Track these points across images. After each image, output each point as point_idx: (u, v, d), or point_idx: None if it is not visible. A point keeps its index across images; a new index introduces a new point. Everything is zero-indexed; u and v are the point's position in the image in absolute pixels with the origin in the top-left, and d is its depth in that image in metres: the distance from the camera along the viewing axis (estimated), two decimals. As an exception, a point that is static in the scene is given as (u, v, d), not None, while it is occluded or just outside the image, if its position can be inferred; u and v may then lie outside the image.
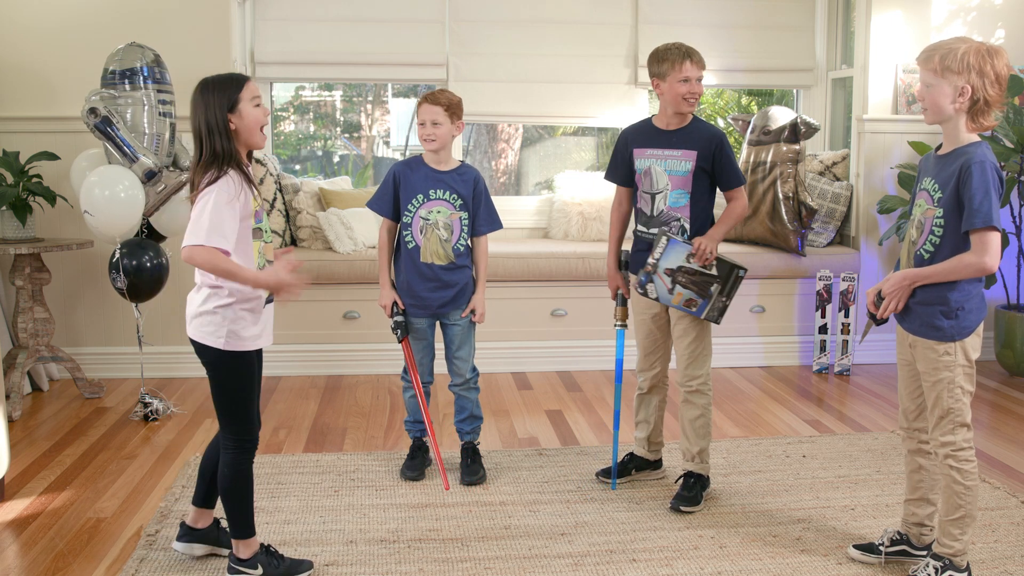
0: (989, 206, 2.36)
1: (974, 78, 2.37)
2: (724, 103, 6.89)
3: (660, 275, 3.11)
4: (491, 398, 4.42)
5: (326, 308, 4.82)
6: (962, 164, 2.40)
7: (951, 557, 2.55)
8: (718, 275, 3.06)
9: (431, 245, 3.27)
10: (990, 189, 2.36)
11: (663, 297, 3.12)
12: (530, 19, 5.29)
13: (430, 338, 3.39)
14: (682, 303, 3.10)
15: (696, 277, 3.07)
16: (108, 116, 3.81)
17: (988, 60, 2.37)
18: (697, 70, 3.04)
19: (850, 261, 5.08)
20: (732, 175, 3.10)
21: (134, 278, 3.90)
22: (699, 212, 3.11)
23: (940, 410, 2.51)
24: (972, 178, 2.37)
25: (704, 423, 3.18)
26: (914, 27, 5.01)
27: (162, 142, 4.01)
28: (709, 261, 3.03)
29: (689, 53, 3.03)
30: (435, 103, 3.21)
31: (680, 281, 3.09)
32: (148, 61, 3.97)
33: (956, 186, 2.41)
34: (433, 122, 3.22)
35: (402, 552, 2.80)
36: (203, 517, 2.76)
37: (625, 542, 2.88)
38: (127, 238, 3.95)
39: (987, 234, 2.38)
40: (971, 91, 2.38)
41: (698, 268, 3.06)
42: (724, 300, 3.07)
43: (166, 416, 4.10)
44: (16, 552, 2.82)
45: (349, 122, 6.70)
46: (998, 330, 4.95)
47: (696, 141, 3.08)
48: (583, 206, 5.29)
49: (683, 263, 3.07)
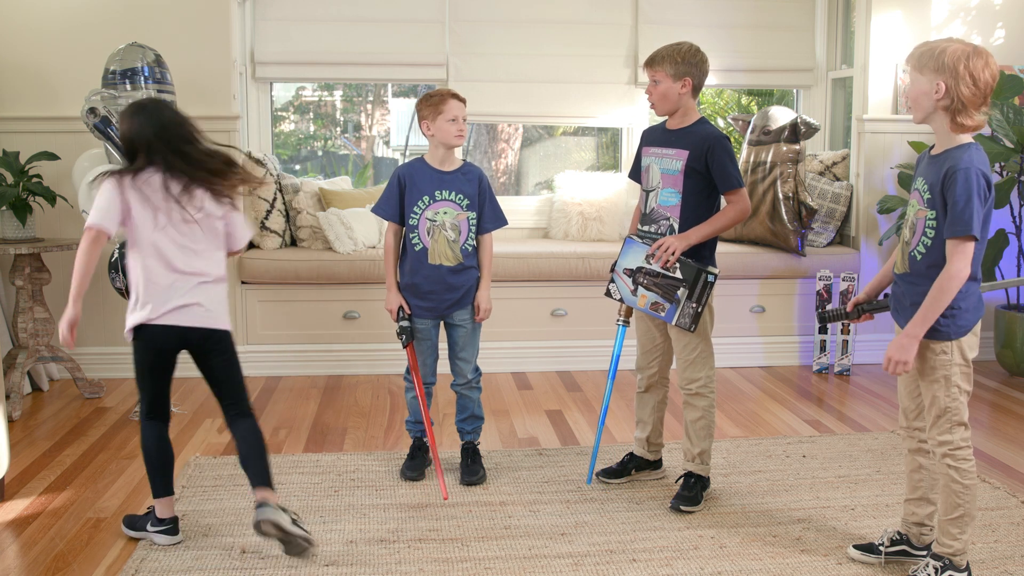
0: (971, 214, 2.36)
1: (947, 77, 2.38)
2: (724, 103, 6.89)
3: (620, 275, 3.10)
4: (491, 398, 4.42)
5: (326, 308, 4.83)
6: (948, 169, 2.40)
7: (951, 557, 2.55)
8: (683, 278, 2.99)
9: (439, 247, 3.26)
10: (972, 196, 2.36)
11: (627, 298, 3.11)
12: (530, 19, 5.29)
13: (434, 339, 3.39)
14: (648, 306, 3.06)
15: (659, 279, 3.03)
16: (107, 116, 3.81)
17: (963, 60, 2.37)
18: (649, 73, 3.08)
19: (850, 261, 5.08)
20: (726, 177, 3.05)
21: None
22: (690, 213, 3.07)
23: (937, 409, 2.52)
24: (956, 185, 2.37)
25: (705, 425, 3.17)
26: (914, 27, 5.01)
27: None
28: (668, 263, 3.00)
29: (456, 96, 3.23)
30: (462, 99, 3.26)
31: (641, 282, 3.06)
32: (149, 61, 3.98)
33: (942, 190, 2.42)
34: (464, 118, 3.25)
35: (402, 552, 2.80)
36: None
37: (625, 542, 2.88)
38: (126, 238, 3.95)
39: (965, 243, 2.38)
40: (945, 89, 2.38)
41: (659, 269, 3.03)
42: (694, 306, 2.99)
43: (166, 416, 4.10)
44: (16, 552, 2.82)
45: (350, 122, 6.70)
46: (998, 330, 4.95)
47: (690, 141, 3.07)
48: (583, 206, 5.29)
49: (642, 263, 3.05)
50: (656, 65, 3.05)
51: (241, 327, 4.77)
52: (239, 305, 4.76)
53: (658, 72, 3.05)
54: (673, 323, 3.06)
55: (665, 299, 3.03)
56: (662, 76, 3.04)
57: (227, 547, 2.83)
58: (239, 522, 2.99)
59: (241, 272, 4.73)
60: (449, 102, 3.23)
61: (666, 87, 3.05)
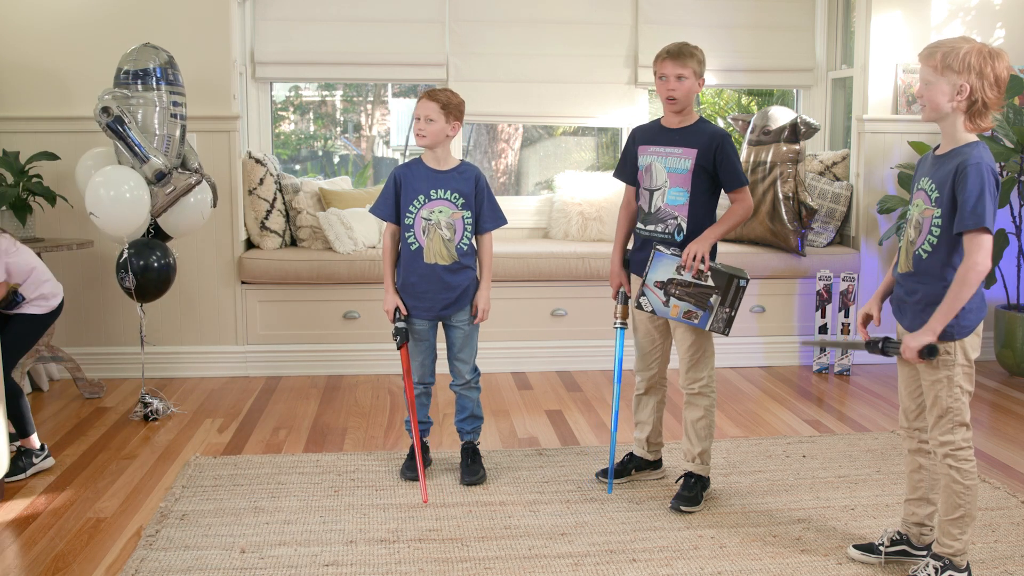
0: (983, 208, 2.36)
1: (973, 79, 2.37)
2: (724, 103, 6.89)
3: (651, 288, 3.10)
4: (491, 398, 4.42)
5: (326, 308, 4.83)
6: (958, 165, 2.40)
7: (951, 557, 2.55)
8: (715, 286, 3.01)
9: (434, 246, 3.26)
10: (985, 191, 2.36)
11: (659, 310, 3.11)
12: (530, 19, 5.29)
13: (432, 339, 3.39)
14: (681, 315, 3.07)
15: (691, 288, 3.03)
16: (121, 116, 3.81)
17: (989, 62, 2.37)
18: (675, 67, 3.05)
19: (850, 261, 5.08)
20: (733, 175, 3.08)
21: (142, 278, 3.91)
22: (697, 212, 3.09)
23: (939, 409, 2.52)
24: (967, 180, 2.37)
25: (706, 425, 3.17)
26: (914, 27, 5.01)
27: (172, 143, 4.01)
28: (699, 271, 3.00)
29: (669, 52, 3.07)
30: (432, 99, 3.20)
31: (674, 293, 3.06)
32: (162, 62, 3.96)
33: (952, 187, 2.41)
34: (427, 118, 3.20)
35: (402, 552, 2.80)
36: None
37: (625, 542, 2.88)
38: (134, 238, 3.96)
39: (980, 236, 2.38)
40: (969, 91, 2.38)
41: (691, 279, 3.04)
42: (727, 311, 3.02)
43: (166, 416, 4.10)
44: (16, 552, 2.82)
45: (350, 122, 6.70)
46: (998, 330, 4.95)
47: (698, 140, 3.07)
48: (583, 206, 5.29)
49: (673, 275, 3.06)
50: (685, 60, 3.04)
51: (241, 327, 4.77)
52: (239, 305, 4.76)
53: (687, 68, 3.04)
54: (707, 328, 3.06)
55: (698, 307, 3.04)
56: (689, 72, 3.05)
57: (227, 547, 2.83)
58: (239, 522, 2.99)
59: (241, 272, 4.73)
60: (419, 102, 3.24)
61: (691, 84, 3.06)
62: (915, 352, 2.46)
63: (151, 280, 3.95)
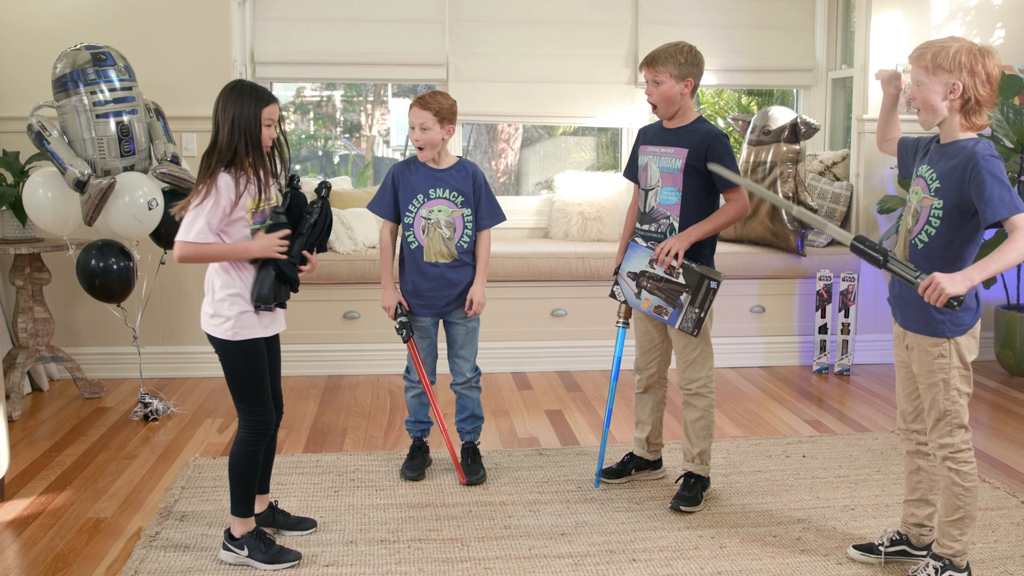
0: (1010, 195, 2.34)
1: (965, 76, 2.37)
2: (724, 103, 6.89)
3: (624, 278, 3.10)
4: (491, 398, 4.42)
5: (326, 308, 4.83)
6: (967, 164, 2.38)
7: (951, 557, 2.55)
8: (687, 284, 2.99)
9: (434, 244, 3.26)
10: (1004, 179, 2.35)
11: (631, 301, 3.11)
12: (530, 19, 5.29)
13: (433, 337, 3.39)
14: (651, 309, 3.06)
15: (662, 284, 3.03)
16: (40, 131, 3.79)
17: (980, 59, 2.37)
18: (650, 73, 3.05)
19: (850, 261, 5.08)
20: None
21: (102, 279, 3.94)
22: (690, 212, 3.06)
23: (937, 412, 2.51)
24: (985, 180, 2.34)
25: (705, 425, 3.17)
26: (914, 27, 5.01)
27: (109, 143, 3.85)
28: (670, 267, 3.00)
29: None
30: (424, 107, 3.18)
31: (645, 286, 3.06)
32: (79, 64, 3.81)
33: (962, 185, 2.39)
34: (422, 126, 3.19)
35: (402, 552, 2.80)
36: (260, 502, 2.87)
37: (625, 542, 2.88)
38: (75, 239, 4.00)
39: (1018, 217, 2.32)
40: (962, 89, 2.38)
41: (663, 274, 3.03)
42: (697, 311, 2.99)
43: (166, 416, 4.10)
44: (16, 552, 2.82)
45: (350, 122, 6.70)
46: (998, 330, 4.95)
47: (689, 139, 3.06)
48: (583, 206, 5.29)
49: (646, 268, 3.05)
50: (658, 65, 3.03)
51: (241, 327, 4.76)
52: (239, 305, 4.75)
53: (660, 73, 3.03)
54: (676, 327, 3.05)
55: (668, 303, 3.03)
56: (664, 76, 3.03)
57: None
58: (239, 522, 2.99)
59: (241, 272, 4.73)
60: (412, 109, 3.21)
61: (668, 87, 3.04)
62: (942, 297, 2.27)
63: (112, 281, 3.97)
